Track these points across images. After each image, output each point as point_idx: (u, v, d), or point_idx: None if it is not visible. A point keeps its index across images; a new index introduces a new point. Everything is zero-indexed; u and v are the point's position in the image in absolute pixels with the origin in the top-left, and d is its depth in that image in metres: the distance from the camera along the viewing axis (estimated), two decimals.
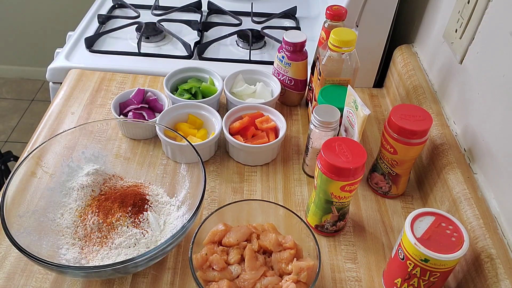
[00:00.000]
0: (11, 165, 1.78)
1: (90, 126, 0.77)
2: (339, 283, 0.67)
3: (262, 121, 0.86)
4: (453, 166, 0.72)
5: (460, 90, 0.78)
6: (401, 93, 0.95)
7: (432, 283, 0.59)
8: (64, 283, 0.65)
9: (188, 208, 0.71)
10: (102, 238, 0.68)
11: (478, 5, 0.72)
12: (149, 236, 0.68)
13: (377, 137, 0.93)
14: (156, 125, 0.80)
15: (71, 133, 0.75)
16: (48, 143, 0.72)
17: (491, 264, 0.58)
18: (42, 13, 2.33)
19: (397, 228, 0.75)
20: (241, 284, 0.61)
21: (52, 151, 0.73)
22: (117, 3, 1.31)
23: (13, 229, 0.61)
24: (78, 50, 1.11)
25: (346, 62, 0.79)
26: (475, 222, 0.63)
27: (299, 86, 0.95)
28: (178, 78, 0.96)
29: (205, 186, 0.67)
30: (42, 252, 0.63)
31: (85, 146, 0.77)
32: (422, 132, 0.70)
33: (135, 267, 0.62)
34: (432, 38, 0.91)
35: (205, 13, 1.31)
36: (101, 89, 1.00)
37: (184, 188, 0.75)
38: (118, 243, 0.66)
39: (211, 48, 1.15)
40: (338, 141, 0.67)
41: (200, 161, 0.69)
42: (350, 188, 0.66)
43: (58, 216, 0.70)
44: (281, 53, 0.92)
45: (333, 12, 0.84)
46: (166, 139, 0.79)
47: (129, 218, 0.69)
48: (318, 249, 0.61)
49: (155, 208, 0.73)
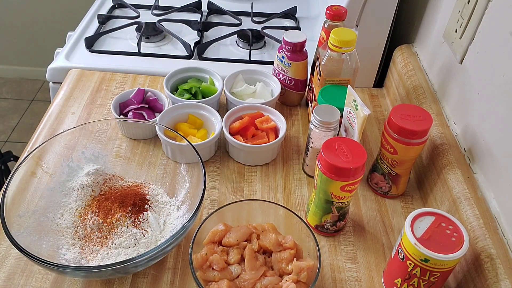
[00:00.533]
0: (11, 165, 1.78)
1: (90, 126, 0.77)
2: (339, 283, 0.67)
3: (262, 121, 0.86)
4: (453, 166, 0.72)
5: (460, 90, 0.78)
6: (401, 93, 0.95)
7: (432, 283, 0.59)
8: (64, 283, 0.65)
9: (188, 208, 0.71)
10: (102, 238, 0.68)
11: (478, 5, 0.72)
12: (149, 236, 0.68)
13: (377, 137, 0.93)
14: (156, 125, 0.80)
15: (71, 133, 0.75)
16: (48, 143, 0.72)
17: (491, 264, 0.58)
18: (42, 13, 2.33)
19: (397, 228, 0.75)
20: (241, 284, 0.61)
21: (52, 151, 0.73)
22: (117, 3, 1.31)
23: (13, 229, 0.61)
24: (78, 50, 1.11)
25: (346, 62, 0.79)
26: (475, 222, 0.63)
27: (299, 86, 0.95)
28: (178, 78, 0.96)
29: (205, 186, 0.67)
30: (42, 252, 0.63)
31: (85, 146, 0.77)
32: (422, 132, 0.70)
33: (135, 267, 0.62)
34: (432, 38, 0.91)
35: (205, 13, 1.31)
36: (101, 89, 1.00)
37: (184, 188, 0.75)
38: (118, 243, 0.66)
39: (211, 48, 1.15)
40: (338, 141, 0.67)
41: (200, 161, 0.69)
42: (350, 188, 0.66)
43: (58, 216, 0.70)
44: (281, 53, 0.92)
45: (333, 12, 0.84)
46: (166, 139, 0.79)
47: (129, 218, 0.69)
48: (318, 249, 0.62)
49: (155, 208, 0.73)
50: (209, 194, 0.79)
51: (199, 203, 0.64)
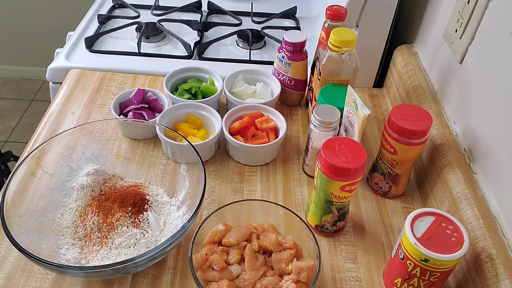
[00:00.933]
0: (11, 165, 1.78)
1: (90, 126, 0.77)
2: (339, 283, 0.67)
3: (262, 121, 0.86)
4: (453, 166, 0.72)
5: (460, 90, 0.78)
6: (401, 93, 0.95)
7: (432, 283, 0.59)
8: (64, 283, 0.65)
9: (188, 208, 0.71)
10: (102, 238, 0.68)
11: (478, 5, 0.72)
12: (149, 236, 0.68)
13: (377, 137, 0.93)
14: (156, 125, 0.80)
15: (71, 133, 0.75)
16: (48, 143, 0.72)
17: (491, 264, 0.58)
18: (42, 13, 2.33)
19: (397, 228, 0.75)
20: (241, 284, 0.61)
21: (52, 151, 0.73)
22: (117, 3, 1.31)
23: (13, 229, 0.61)
24: (78, 50, 1.11)
25: (346, 62, 0.79)
26: (475, 222, 0.63)
27: (299, 86, 0.95)
28: (178, 78, 0.95)
29: (205, 186, 0.67)
30: (42, 252, 0.63)
31: (85, 146, 0.77)
32: (422, 132, 0.70)
33: (135, 267, 0.62)
34: (432, 38, 0.91)
35: (205, 13, 1.31)
36: (101, 89, 1.00)
37: (184, 188, 0.75)
38: (118, 243, 0.66)
39: (211, 48, 1.15)
40: (338, 141, 0.67)
41: (200, 161, 0.69)
42: (350, 188, 0.66)
43: (58, 216, 0.70)
44: (281, 53, 0.92)
45: (333, 12, 0.84)
46: (166, 139, 0.79)
47: (129, 218, 0.69)
48: (318, 249, 0.62)
49: (155, 208, 0.73)
50: (209, 194, 0.79)
51: (199, 203, 0.64)
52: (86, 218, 0.70)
